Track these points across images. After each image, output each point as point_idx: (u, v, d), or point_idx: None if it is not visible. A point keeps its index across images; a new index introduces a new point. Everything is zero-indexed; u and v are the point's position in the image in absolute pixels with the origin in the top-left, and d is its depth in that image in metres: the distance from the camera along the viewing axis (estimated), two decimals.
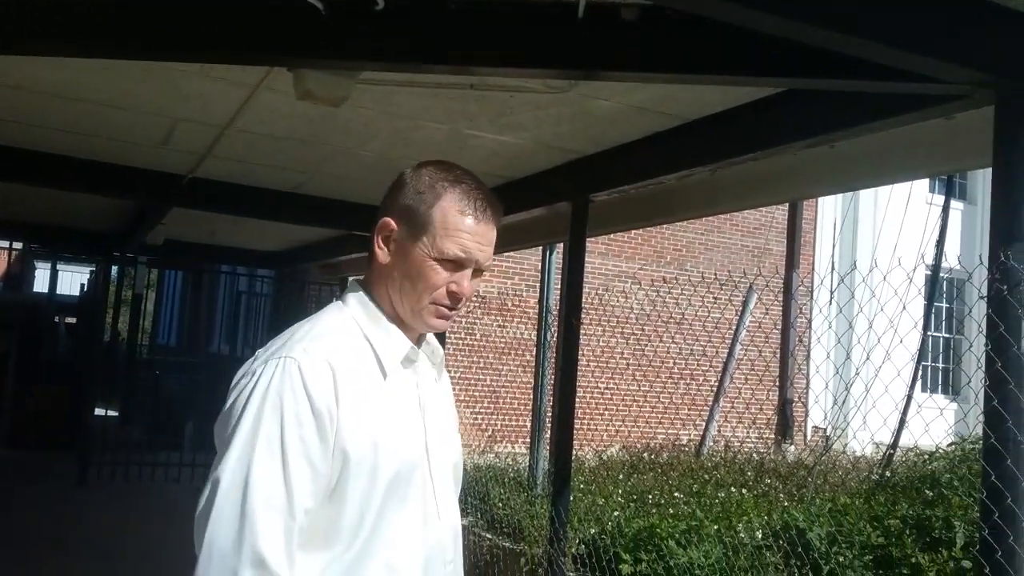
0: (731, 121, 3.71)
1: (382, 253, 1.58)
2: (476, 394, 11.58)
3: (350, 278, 1.70)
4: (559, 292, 5.81)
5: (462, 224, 1.53)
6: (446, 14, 2.84)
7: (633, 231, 11.99)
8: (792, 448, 11.66)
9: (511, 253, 11.14)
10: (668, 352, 11.00)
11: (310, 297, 10.81)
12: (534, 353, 7.96)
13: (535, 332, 8.31)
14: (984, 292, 2.60)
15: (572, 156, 4.69)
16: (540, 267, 7.85)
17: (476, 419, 11.14)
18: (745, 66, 2.87)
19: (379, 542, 1.48)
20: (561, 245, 6.59)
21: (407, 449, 1.54)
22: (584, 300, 4.54)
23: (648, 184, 4.50)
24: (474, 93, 3.76)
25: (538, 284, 8.33)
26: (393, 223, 1.57)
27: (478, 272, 1.59)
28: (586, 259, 4.85)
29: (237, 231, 9.18)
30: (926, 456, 5.55)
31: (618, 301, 11.33)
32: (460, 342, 11.50)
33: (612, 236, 11.81)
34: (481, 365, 11.60)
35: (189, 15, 2.81)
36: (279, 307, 11.73)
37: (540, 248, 7.95)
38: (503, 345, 11.62)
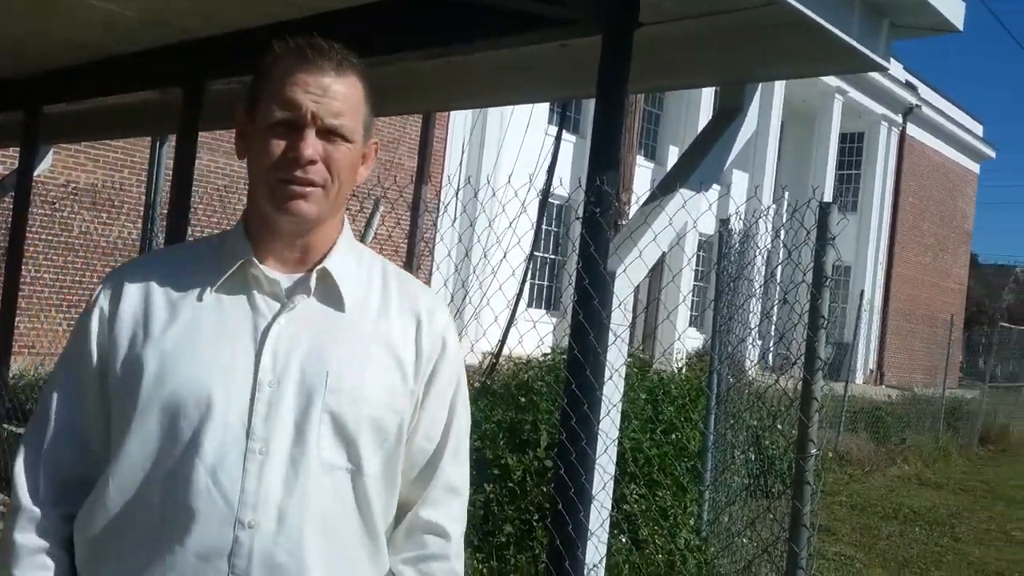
0: (351, 21, 3.52)
1: (240, 149, 1.40)
2: (72, 297, 10.39)
3: None
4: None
5: (287, 78, 1.32)
6: None
7: None
8: None
9: (120, 143, 10.05)
10: None
11: None
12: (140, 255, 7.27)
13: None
14: (580, 214, 2.75)
15: (184, 36, 4.18)
16: (149, 160, 7.10)
17: (71, 325, 10.02)
18: None
19: (115, 488, 1.29)
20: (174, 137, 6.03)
21: (193, 381, 1.29)
22: (201, 199, 4.15)
23: None
24: None
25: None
26: (239, 112, 1.40)
27: (330, 134, 1.33)
28: (210, 158, 4.46)
29: None
30: (522, 365, 6.00)
31: (240, 201, 10.76)
32: (55, 239, 10.16)
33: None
34: (78, 265, 10.39)
35: None
36: None
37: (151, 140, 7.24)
38: (107, 245, 10.48)
